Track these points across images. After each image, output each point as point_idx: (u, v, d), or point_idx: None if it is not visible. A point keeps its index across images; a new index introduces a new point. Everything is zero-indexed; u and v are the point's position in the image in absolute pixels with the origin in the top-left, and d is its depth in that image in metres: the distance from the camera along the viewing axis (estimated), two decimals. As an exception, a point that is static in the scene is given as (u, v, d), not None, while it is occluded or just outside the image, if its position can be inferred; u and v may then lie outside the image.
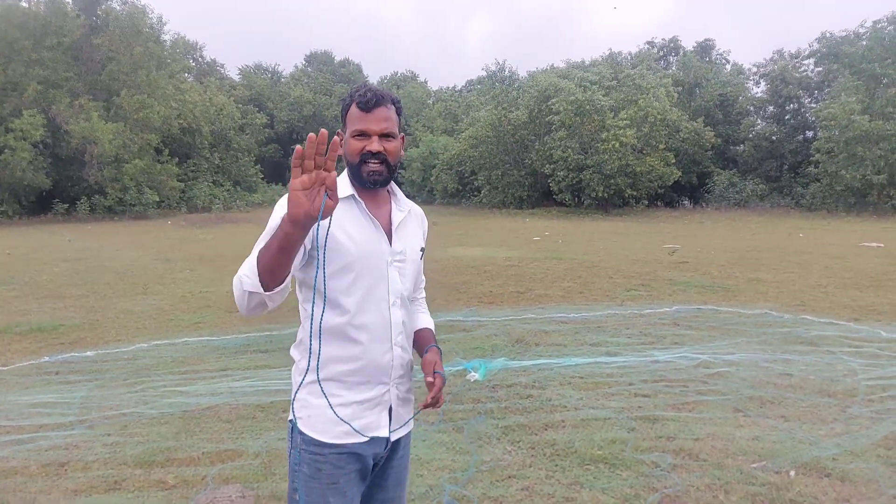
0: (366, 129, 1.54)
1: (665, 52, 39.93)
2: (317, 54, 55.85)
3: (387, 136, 1.55)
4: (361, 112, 1.54)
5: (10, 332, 6.54)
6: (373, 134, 1.54)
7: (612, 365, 5.08)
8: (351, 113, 1.57)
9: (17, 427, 3.91)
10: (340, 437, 1.55)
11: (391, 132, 1.56)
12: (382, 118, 1.55)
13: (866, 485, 3.05)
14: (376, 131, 1.54)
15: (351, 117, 1.57)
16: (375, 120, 1.54)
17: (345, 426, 1.55)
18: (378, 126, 1.54)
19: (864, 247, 14.03)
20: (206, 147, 35.97)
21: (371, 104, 1.53)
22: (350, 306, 1.55)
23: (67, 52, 28.65)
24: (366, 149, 1.54)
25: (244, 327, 6.66)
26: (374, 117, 1.54)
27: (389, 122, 1.56)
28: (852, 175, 25.23)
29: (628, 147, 26.91)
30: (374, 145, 1.54)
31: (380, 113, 1.54)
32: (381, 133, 1.55)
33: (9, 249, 15.16)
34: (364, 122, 1.54)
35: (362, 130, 1.54)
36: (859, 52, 27.44)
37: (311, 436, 1.55)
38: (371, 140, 1.54)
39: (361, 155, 1.54)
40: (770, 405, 4.16)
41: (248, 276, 1.34)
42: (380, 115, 1.54)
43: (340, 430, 1.55)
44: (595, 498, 2.96)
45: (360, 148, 1.54)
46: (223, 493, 3.04)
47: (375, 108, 1.54)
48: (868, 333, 6.09)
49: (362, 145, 1.54)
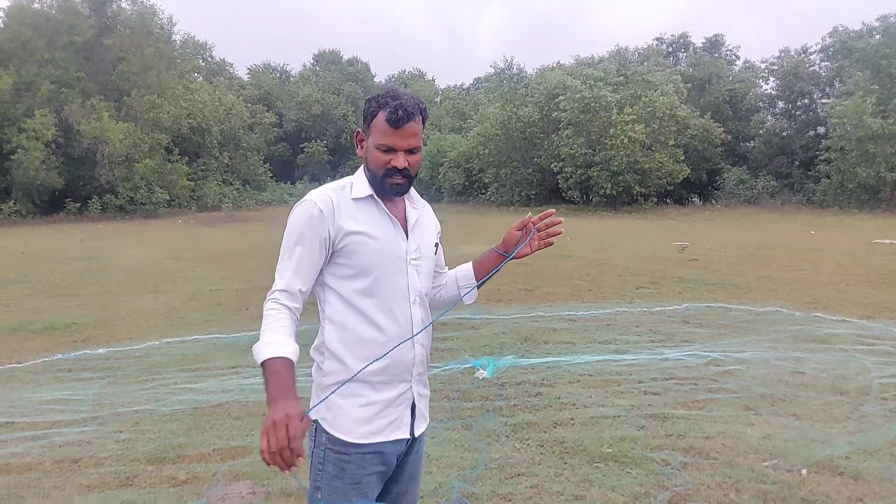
0: (394, 145, 1.51)
1: (674, 48, 39.69)
2: (325, 53, 55.92)
3: (412, 150, 1.54)
4: (390, 127, 1.50)
5: (23, 330, 6.61)
6: (400, 150, 1.52)
7: (621, 363, 5.05)
8: (378, 122, 1.52)
9: (32, 423, 3.95)
10: (366, 436, 1.56)
11: (416, 146, 1.55)
12: (411, 134, 1.51)
13: (879, 483, 3.02)
14: (404, 147, 1.52)
15: (377, 128, 1.53)
16: (404, 136, 1.51)
17: (370, 426, 1.56)
18: (406, 143, 1.52)
19: (877, 244, 13.88)
20: (216, 146, 36.12)
21: (402, 122, 1.49)
22: (373, 306, 1.55)
23: (79, 52, 28.83)
24: (391, 164, 1.52)
25: (254, 325, 6.67)
26: (403, 134, 1.50)
27: (416, 136, 1.53)
28: (865, 172, 24.97)
29: (637, 143, 26.77)
30: (400, 161, 1.52)
31: (409, 129, 1.51)
32: (408, 149, 1.53)
33: (22, 248, 15.32)
34: (392, 138, 1.50)
35: (390, 146, 1.52)
36: (871, 47, 27.13)
37: (336, 436, 1.56)
38: (398, 156, 1.52)
39: (386, 169, 1.53)
40: (781, 403, 4.13)
41: (256, 350, 1.44)
42: (409, 131, 1.51)
43: (366, 430, 1.56)
44: (604, 496, 2.95)
45: (385, 161, 1.52)
46: (234, 490, 3.06)
47: (406, 125, 1.50)
48: (881, 331, 6.03)
49: (388, 159, 1.52)
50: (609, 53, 39.20)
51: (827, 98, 31.73)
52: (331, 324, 1.59)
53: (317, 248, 1.52)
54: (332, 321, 1.58)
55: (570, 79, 29.20)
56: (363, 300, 1.55)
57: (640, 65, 31.75)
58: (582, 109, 27.54)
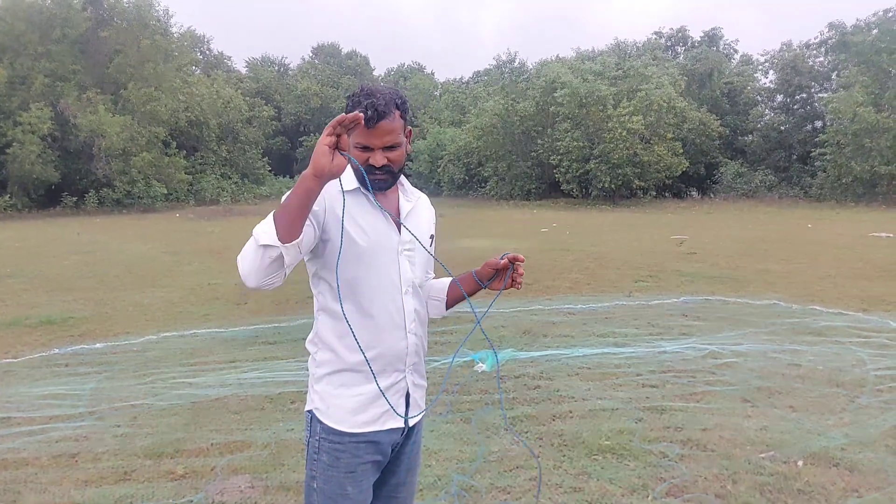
0: (369, 143, 1.51)
1: (673, 42, 39.59)
2: (324, 46, 55.75)
3: (390, 147, 1.53)
4: (364, 127, 1.49)
5: (20, 325, 6.60)
6: (375, 148, 1.52)
7: (619, 356, 5.07)
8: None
9: (28, 418, 3.95)
10: (360, 426, 1.58)
11: (394, 143, 1.53)
12: (385, 132, 1.50)
13: (875, 474, 3.04)
14: (379, 146, 1.52)
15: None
16: (378, 135, 1.50)
17: (364, 415, 1.58)
18: (381, 141, 1.51)
19: (874, 237, 13.91)
20: (214, 140, 36.01)
21: (373, 122, 1.48)
22: (365, 297, 1.56)
23: (74, 45, 28.70)
24: (369, 162, 1.52)
25: (252, 319, 6.69)
26: (377, 132, 1.50)
27: (392, 133, 1.52)
28: (861, 166, 25.00)
29: (636, 136, 26.75)
30: (377, 159, 1.52)
31: (383, 127, 1.50)
32: (384, 146, 1.52)
33: (18, 242, 15.28)
34: (367, 137, 1.50)
35: (366, 145, 1.52)
36: (868, 42, 27.09)
37: (330, 425, 1.58)
38: (374, 154, 1.52)
39: (366, 167, 1.53)
40: (778, 395, 4.15)
41: (264, 232, 1.34)
42: (382, 129, 1.50)
43: (360, 420, 1.58)
44: (602, 488, 2.96)
45: (363, 159, 1.52)
46: (232, 484, 3.06)
47: (378, 123, 1.49)
48: (877, 324, 6.05)
49: (366, 157, 1.52)
50: (608, 47, 39.08)
51: (825, 92, 31.68)
52: (324, 314, 1.61)
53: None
54: (325, 312, 1.60)
55: (567, 73, 29.12)
56: (355, 290, 1.55)
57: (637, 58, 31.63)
58: (578, 104, 27.49)
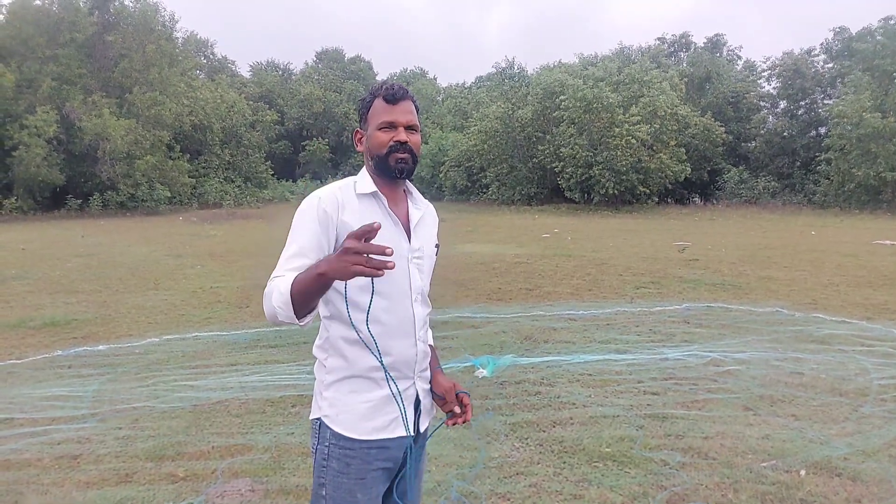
0: (394, 120, 1.59)
1: (676, 48, 39.63)
2: (328, 51, 55.88)
3: (411, 128, 1.62)
4: (388, 105, 1.60)
5: (23, 327, 6.62)
6: (400, 125, 1.60)
7: (621, 362, 5.06)
8: (375, 107, 1.62)
9: (31, 420, 3.96)
10: (370, 432, 1.58)
11: (415, 125, 1.63)
12: (408, 110, 1.61)
13: (878, 484, 3.03)
14: (403, 122, 1.60)
15: (375, 111, 1.62)
16: (402, 112, 1.60)
17: (374, 422, 1.58)
18: (405, 118, 1.60)
19: (878, 245, 13.87)
20: (217, 143, 36.14)
21: (398, 97, 1.59)
22: (375, 304, 1.56)
23: (81, 49, 28.85)
24: (394, 139, 1.58)
25: (254, 322, 6.69)
26: (401, 109, 1.60)
27: (413, 115, 1.63)
28: (865, 173, 24.94)
29: (641, 143, 26.75)
30: (401, 135, 1.59)
31: (405, 105, 1.61)
32: (406, 125, 1.61)
33: (23, 244, 15.33)
34: (391, 113, 1.59)
35: (390, 122, 1.59)
36: (872, 48, 27.09)
37: (340, 432, 1.58)
38: (398, 131, 1.59)
39: (389, 146, 1.59)
40: (781, 404, 4.13)
41: (282, 310, 1.40)
42: (405, 107, 1.61)
43: (370, 426, 1.58)
44: (603, 495, 2.96)
45: (387, 139, 1.59)
46: (233, 487, 3.06)
47: (402, 101, 1.60)
48: (881, 332, 6.03)
49: (389, 136, 1.59)
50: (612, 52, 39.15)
51: (829, 98, 31.66)
52: (335, 320, 1.61)
53: (315, 244, 1.53)
54: (336, 318, 1.60)
55: (571, 78, 29.16)
56: (365, 298, 1.55)
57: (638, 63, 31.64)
58: (584, 109, 27.50)
